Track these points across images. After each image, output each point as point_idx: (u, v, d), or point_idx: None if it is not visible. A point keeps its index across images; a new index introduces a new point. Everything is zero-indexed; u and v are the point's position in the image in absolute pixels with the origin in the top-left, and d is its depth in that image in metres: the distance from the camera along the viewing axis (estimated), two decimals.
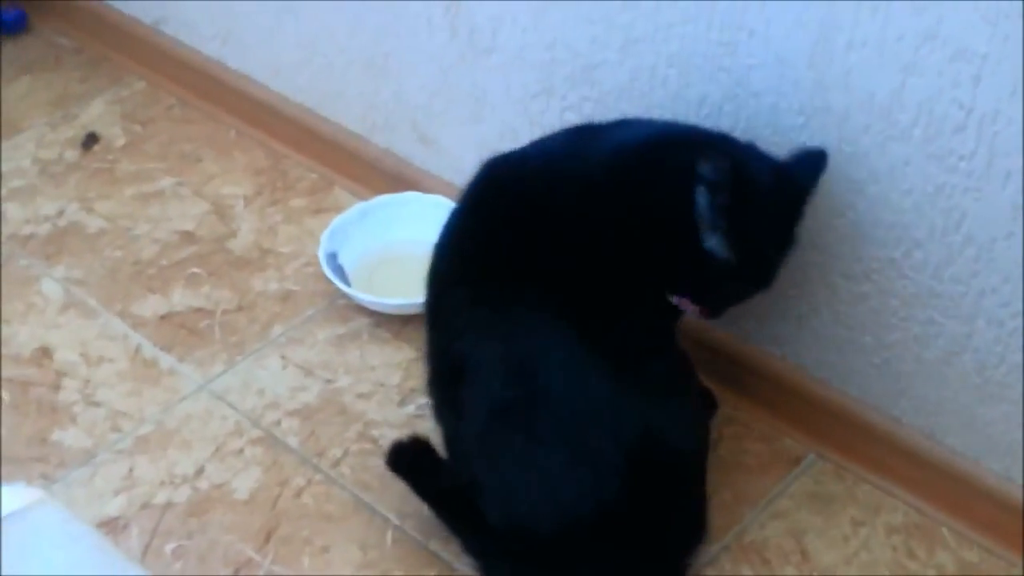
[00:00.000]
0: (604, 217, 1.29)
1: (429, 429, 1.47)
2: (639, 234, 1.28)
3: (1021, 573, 1.40)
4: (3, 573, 0.95)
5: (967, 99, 1.25)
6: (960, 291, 1.35)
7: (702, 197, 1.24)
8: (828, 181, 1.37)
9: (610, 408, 1.27)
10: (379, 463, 1.51)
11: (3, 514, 1.00)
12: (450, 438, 1.38)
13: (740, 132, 1.42)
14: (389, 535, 1.45)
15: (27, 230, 1.83)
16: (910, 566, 1.42)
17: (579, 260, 1.28)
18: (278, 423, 1.57)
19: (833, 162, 1.36)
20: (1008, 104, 1.22)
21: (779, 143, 1.39)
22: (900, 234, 1.37)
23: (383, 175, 1.87)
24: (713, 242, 1.26)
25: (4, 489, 1.03)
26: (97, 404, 1.59)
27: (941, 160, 1.29)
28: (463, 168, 1.77)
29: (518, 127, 1.67)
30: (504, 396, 1.28)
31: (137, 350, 1.66)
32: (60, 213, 1.86)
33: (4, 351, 1.65)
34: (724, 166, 1.23)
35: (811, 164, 1.35)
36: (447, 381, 1.35)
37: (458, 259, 1.36)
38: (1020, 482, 1.40)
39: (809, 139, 1.37)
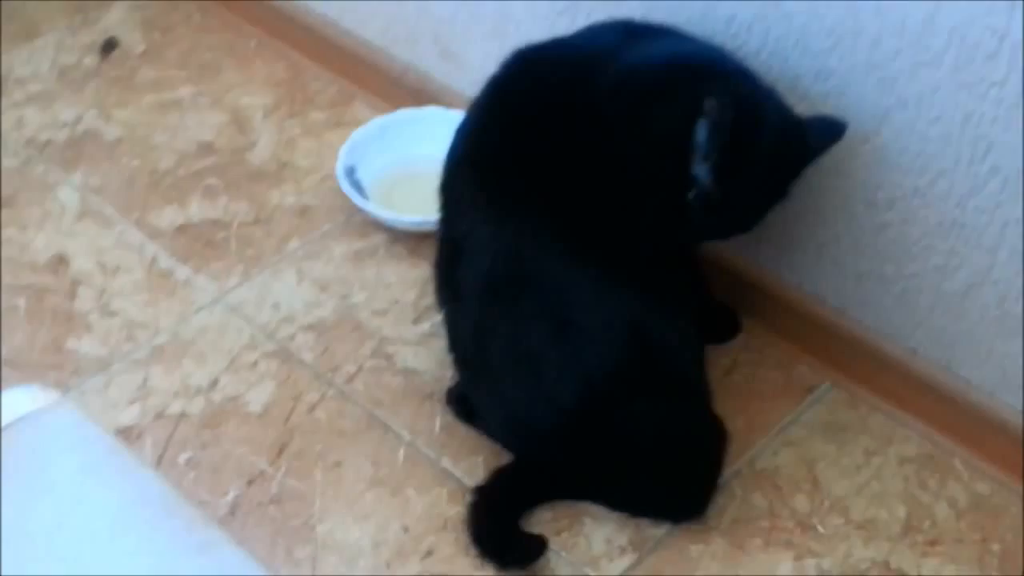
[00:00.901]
0: (607, 128, 1.28)
1: (442, 348, 1.47)
2: (635, 151, 1.28)
3: None
4: (19, 472, 0.95)
5: (1001, 25, 1.22)
6: (984, 222, 1.33)
7: (702, 130, 1.23)
8: (855, 107, 1.35)
9: (596, 298, 1.29)
10: (392, 380, 1.52)
11: (18, 415, 1.01)
12: (449, 320, 1.40)
13: (768, 53, 1.40)
14: (401, 451, 1.45)
15: (45, 136, 1.82)
16: (921, 497, 1.42)
17: (579, 164, 1.29)
18: (293, 337, 1.57)
19: (861, 87, 1.34)
20: None
21: (807, 65, 1.37)
22: (925, 162, 1.35)
23: (404, 89, 1.85)
24: (701, 171, 1.25)
25: (20, 391, 1.04)
26: (113, 313, 1.59)
27: (971, 88, 1.27)
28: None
29: (541, 40, 1.64)
30: (492, 276, 1.30)
31: (153, 260, 1.66)
32: (78, 120, 1.85)
33: (20, 258, 1.65)
34: (728, 109, 1.21)
35: (827, 130, 1.33)
36: (448, 260, 1.38)
37: (469, 142, 1.37)
38: None
39: (838, 62, 1.35)
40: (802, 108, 1.35)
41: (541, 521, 1.38)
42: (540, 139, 1.31)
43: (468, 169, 1.36)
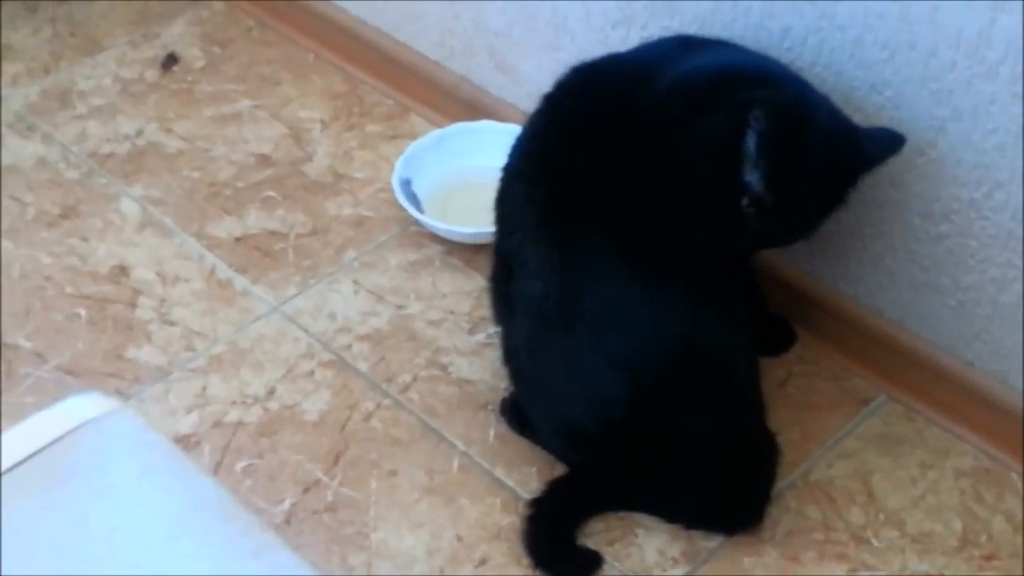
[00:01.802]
0: (656, 140, 1.29)
1: (497, 358, 1.48)
2: (684, 161, 1.28)
3: None
4: (80, 479, 0.97)
5: None
6: None
7: (751, 138, 1.23)
8: (910, 119, 1.35)
9: (648, 309, 1.29)
10: (447, 389, 1.53)
11: (81, 421, 1.03)
12: (504, 335, 1.42)
13: (823, 65, 1.40)
14: (455, 461, 1.46)
15: (107, 148, 1.86)
16: (978, 511, 1.40)
17: (631, 177, 1.30)
18: (349, 347, 1.58)
19: (916, 99, 1.33)
20: None
21: (862, 77, 1.37)
22: (982, 174, 1.34)
23: (459, 102, 1.86)
24: (752, 178, 1.24)
25: (81, 397, 1.06)
26: (172, 323, 1.61)
27: None
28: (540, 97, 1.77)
29: (597, 55, 1.64)
30: (545, 293, 1.31)
31: (212, 271, 1.68)
32: (139, 132, 1.88)
33: (82, 268, 1.68)
34: (774, 115, 1.22)
35: (886, 141, 1.32)
36: (501, 275, 1.39)
37: (523, 156, 1.38)
38: None
39: (893, 74, 1.34)
40: (858, 120, 1.34)
41: (594, 532, 1.39)
42: (593, 153, 1.32)
43: (521, 184, 1.37)
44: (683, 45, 1.40)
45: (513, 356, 1.41)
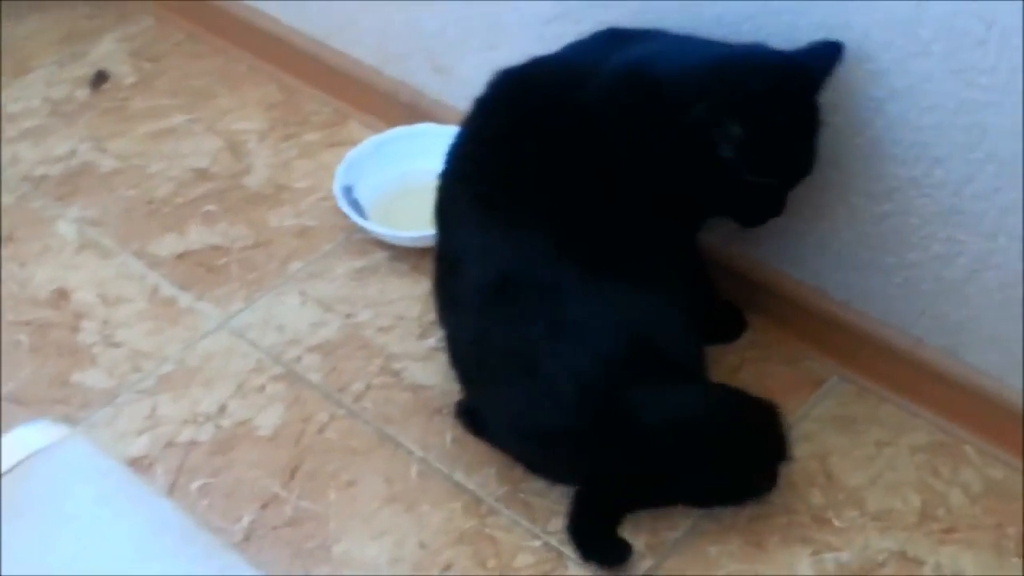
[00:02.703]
0: (600, 130, 1.31)
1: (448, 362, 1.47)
2: (644, 149, 1.30)
3: None
4: (36, 510, 0.96)
5: (988, 13, 1.22)
6: (982, 208, 1.33)
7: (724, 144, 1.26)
8: (848, 99, 1.35)
9: (591, 297, 1.30)
10: (401, 396, 1.52)
11: (32, 450, 1.01)
12: (450, 335, 1.42)
13: None
14: (414, 467, 1.45)
15: (40, 171, 1.83)
16: (935, 485, 1.42)
17: (571, 169, 1.31)
18: (299, 359, 1.57)
19: (853, 80, 1.34)
20: None
21: None
22: (920, 152, 1.35)
23: (398, 107, 1.85)
24: (727, 151, 1.27)
25: (30, 427, 1.04)
26: (117, 344, 1.59)
27: (962, 75, 1.27)
28: None
29: (533, 53, 1.64)
30: (488, 284, 1.32)
31: (155, 289, 1.66)
32: (72, 153, 1.85)
33: (21, 293, 1.65)
34: (722, 111, 1.25)
35: (825, 54, 1.33)
36: (445, 276, 1.40)
37: (459, 159, 1.40)
38: None
39: None
40: None
41: (557, 529, 1.38)
42: (529, 150, 1.33)
43: (459, 185, 1.38)
44: (612, 38, 1.41)
45: (460, 356, 1.41)
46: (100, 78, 1.98)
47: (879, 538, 1.37)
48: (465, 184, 1.37)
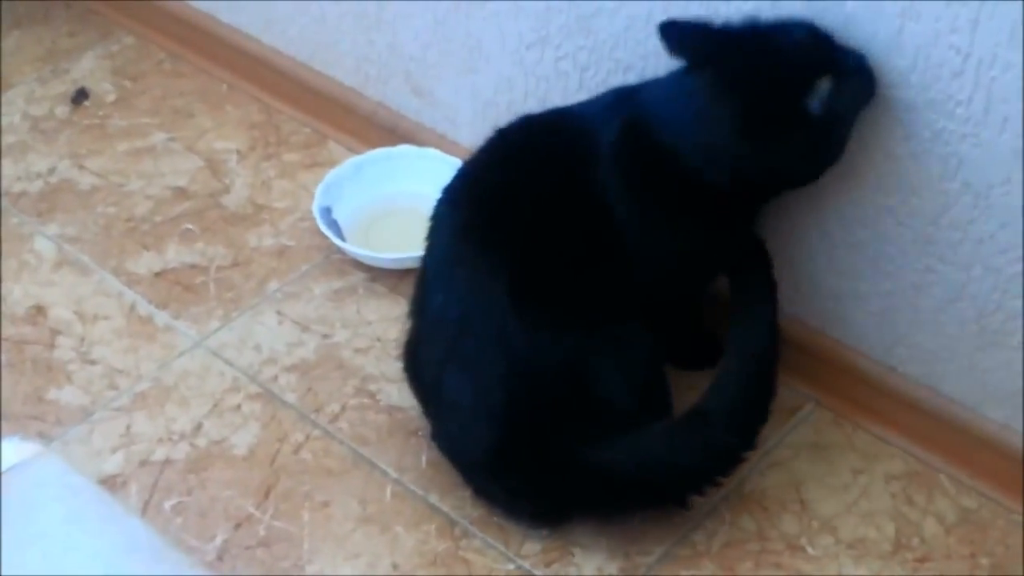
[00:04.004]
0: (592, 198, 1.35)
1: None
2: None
3: (1020, 519, 1.41)
4: (6, 527, 0.95)
5: (964, 44, 1.23)
6: (957, 238, 1.34)
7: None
8: None
9: (519, 348, 1.31)
10: (377, 417, 1.52)
11: (3, 467, 1.00)
12: (411, 351, 1.46)
13: None
14: (388, 489, 1.45)
15: (19, 187, 1.82)
16: (910, 514, 1.42)
17: (566, 219, 1.34)
18: (275, 379, 1.57)
19: None
20: (1006, 49, 1.21)
21: None
22: (897, 181, 1.36)
23: (377, 128, 1.86)
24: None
25: (3, 443, 1.03)
26: (93, 362, 1.58)
27: (938, 106, 1.28)
28: (457, 120, 1.77)
29: (513, 77, 1.65)
30: (441, 313, 1.36)
31: (132, 307, 1.65)
32: (52, 170, 1.85)
33: None
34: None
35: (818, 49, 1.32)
36: (419, 284, 1.44)
37: (456, 179, 1.44)
38: (1019, 429, 1.40)
39: None
40: None
41: (530, 554, 1.38)
42: (526, 189, 1.37)
43: (447, 206, 1.41)
44: (619, 96, 1.42)
45: (418, 374, 1.43)
46: (81, 95, 1.97)
47: (853, 566, 1.37)
48: (451, 207, 1.41)
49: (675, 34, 1.33)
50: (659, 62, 1.45)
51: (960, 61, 1.24)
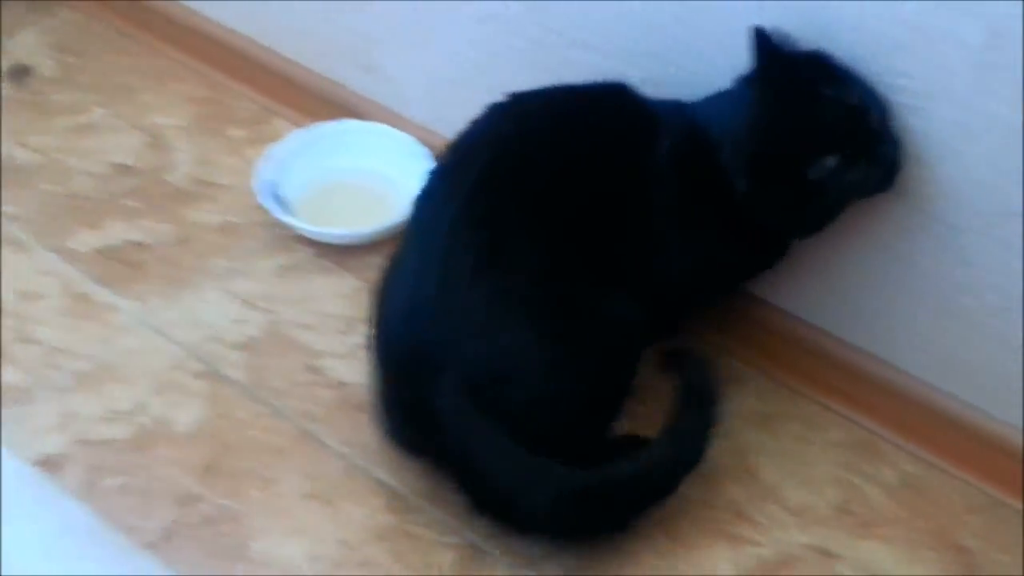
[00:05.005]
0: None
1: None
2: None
3: (960, 484, 1.42)
4: None
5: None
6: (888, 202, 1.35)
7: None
8: None
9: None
10: (324, 393, 1.51)
11: None
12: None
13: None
14: (335, 465, 1.44)
15: None
16: (853, 480, 1.43)
17: (558, 205, 1.30)
18: (220, 356, 1.55)
19: None
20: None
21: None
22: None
23: (325, 104, 1.84)
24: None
25: None
26: (33, 341, 1.56)
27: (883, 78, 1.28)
28: (406, 95, 1.76)
29: (464, 53, 1.64)
30: (406, 283, 1.33)
31: (74, 285, 1.63)
32: None
33: None
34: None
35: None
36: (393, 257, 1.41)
37: (453, 155, 1.38)
38: (961, 396, 1.41)
39: None
40: None
41: (479, 527, 1.37)
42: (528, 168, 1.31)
43: (436, 179, 1.36)
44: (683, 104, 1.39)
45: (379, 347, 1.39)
46: (20, 72, 1.94)
47: (798, 533, 1.38)
48: (440, 178, 1.36)
49: (760, 41, 1.29)
50: (614, 38, 1.45)
51: (907, 33, 1.24)
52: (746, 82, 1.31)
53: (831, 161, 1.25)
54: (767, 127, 1.27)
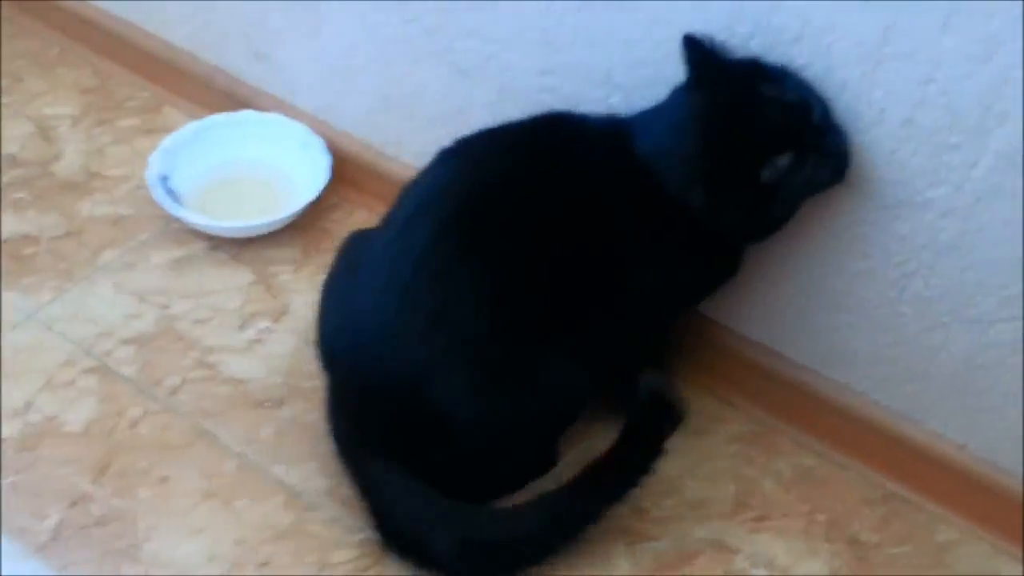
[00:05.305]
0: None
1: (270, 354, 1.45)
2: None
3: (855, 475, 1.45)
4: None
5: (803, 11, 1.25)
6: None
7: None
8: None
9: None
10: (219, 389, 1.49)
11: None
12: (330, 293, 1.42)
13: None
14: (231, 463, 1.42)
15: None
16: (749, 473, 1.45)
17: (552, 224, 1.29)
18: (112, 352, 1.52)
19: (670, 74, 1.36)
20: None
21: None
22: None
23: (216, 94, 1.81)
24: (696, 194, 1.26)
25: None
26: None
27: None
28: (299, 85, 1.74)
29: (357, 41, 1.62)
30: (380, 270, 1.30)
31: None
32: None
33: None
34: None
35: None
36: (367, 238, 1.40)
37: (439, 167, 1.36)
38: (857, 388, 1.43)
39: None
40: None
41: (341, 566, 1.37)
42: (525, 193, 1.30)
43: (415, 188, 1.35)
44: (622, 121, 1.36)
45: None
46: None
47: (696, 527, 1.39)
48: (416, 187, 1.34)
49: (692, 48, 1.28)
50: (507, 26, 1.44)
51: (800, 26, 1.26)
52: (683, 91, 1.29)
53: (783, 160, 1.24)
54: (714, 135, 1.25)
